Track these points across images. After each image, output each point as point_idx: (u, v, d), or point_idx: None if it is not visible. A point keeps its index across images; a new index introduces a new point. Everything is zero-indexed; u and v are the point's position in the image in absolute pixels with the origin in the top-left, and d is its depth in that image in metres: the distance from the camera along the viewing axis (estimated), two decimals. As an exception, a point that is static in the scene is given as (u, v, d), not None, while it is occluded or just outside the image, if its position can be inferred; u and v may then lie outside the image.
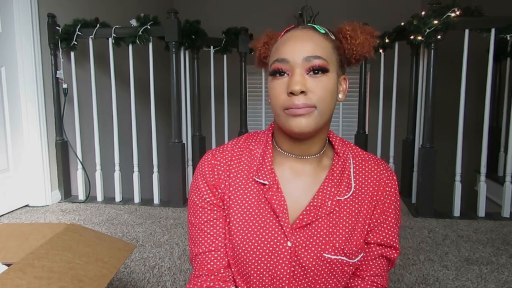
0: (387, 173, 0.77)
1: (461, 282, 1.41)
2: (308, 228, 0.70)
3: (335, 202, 0.71)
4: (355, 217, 0.72)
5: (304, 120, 0.65)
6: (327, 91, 0.66)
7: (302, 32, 0.69)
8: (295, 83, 0.64)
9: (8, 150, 2.11)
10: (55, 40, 2.26)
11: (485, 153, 2.19)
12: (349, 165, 0.75)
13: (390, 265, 0.78)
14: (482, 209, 2.16)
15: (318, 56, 0.66)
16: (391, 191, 0.76)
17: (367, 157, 0.78)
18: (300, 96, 0.64)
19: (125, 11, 2.96)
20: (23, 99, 2.17)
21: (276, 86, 0.67)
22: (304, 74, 0.65)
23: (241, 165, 0.76)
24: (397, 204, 0.77)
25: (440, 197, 2.48)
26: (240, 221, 0.72)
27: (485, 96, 2.12)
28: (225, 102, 2.83)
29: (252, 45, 0.80)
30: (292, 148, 0.73)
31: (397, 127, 2.57)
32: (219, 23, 2.67)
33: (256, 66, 0.82)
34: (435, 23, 1.97)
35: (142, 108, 2.84)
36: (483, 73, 2.17)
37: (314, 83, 0.65)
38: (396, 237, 0.76)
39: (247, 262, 0.71)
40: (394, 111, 2.53)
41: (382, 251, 0.75)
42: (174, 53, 2.26)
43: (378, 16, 3.25)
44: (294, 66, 0.66)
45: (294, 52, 0.66)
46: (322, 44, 0.68)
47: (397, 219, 0.77)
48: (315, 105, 0.65)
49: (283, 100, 0.66)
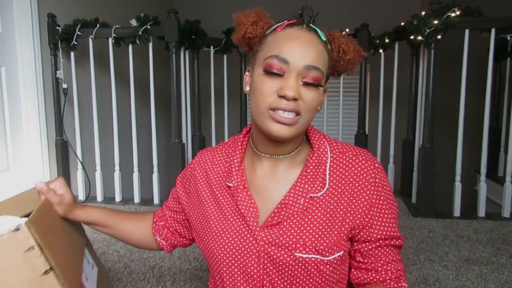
0: (367, 163, 0.72)
1: (461, 282, 1.41)
2: (280, 226, 0.69)
3: (308, 199, 0.70)
4: (330, 214, 0.70)
5: (287, 129, 0.65)
6: (314, 103, 0.66)
7: (306, 35, 0.66)
8: (290, 88, 0.63)
9: (8, 150, 2.11)
10: (55, 40, 2.26)
11: (485, 153, 2.19)
12: (325, 160, 0.72)
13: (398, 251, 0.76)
14: (482, 209, 2.15)
15: (318, 68, 0.65)
16: (375, 182, 0.71)
17: (346, 149, 0.74)
18: (290, 101, 0.63)
19: (125, 11, 2.96)
20: (23, 99, 2.17)
21: (267, 83, 0.65)
22: (299, 80, 0.64)
23: (219, 168, 0.79)
24: (386, 193, 0.72)
25: (440, 197, 2.48)
26: (214, 224, 0.74)
27: (485, 96, 2.12)
28: (225, 102, 2.83)
29: (236, 18, 0.74)
30: (266, 148, 0.73)
31: (397, 127, 2.56)
32: (219, 23, 2.67)
33: (235, 41, 0.77)
34: (435, 23, 1.97)
35: (142, 108, 2.83)
36: (483, 73, 2.17)
37: (305, 93, 0.65)
38: (395, 228, 0.73)
39: (220, 263, 0.72)
40: (394, 111, 2.53)
41: (386, 242, 0.72)
42: (174, 53, 2.26)
43: (378, 16, 3.24)
44: (292, 69, 0.64)
45: (296, 55, 0.64)
46: (322, 54, 0.67)
47: (391, 208, 0.72)
48: (301, 113, 0.65)
49: (271, 100, 0.64)
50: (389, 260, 0.73)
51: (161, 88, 3.08)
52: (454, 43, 2.21)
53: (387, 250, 0.73)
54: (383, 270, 0.72)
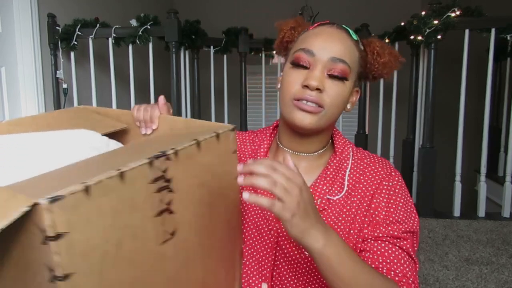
0: (385, 170, 0.72)
1: (461, 282, 1.41)
2: None
3: (325, 201, 0.70)
4: (344, 217, 0.69)
5: (309, 117, 0.66)
6: (339, 97, 0.67)
7: (336, 30, 0.68)
8: (314, 78, 0.64)
9: (8, 150, 2.11)
10: (55, 40, 2.26)
11: (485, 153, 2.19)
12: (346, 166, 0.73)
13: (407, 255, 0.69)
14: (482, 209, 2.15)
15: (344, 61, 0.65)
16: (389, 186, 0.70)
17: (365, 155, 0.75)
18: (314, 91, 0.65)
19: (125, 11, 2.96)
20: (23, 99, 2.17)
21: (293, 75, 0.67)
22: (324, 72, 0.65)
23: (245, 154, 0.79)
24: (402, 198, 0.70)
25: (440, 197, 2.48)
26: (243, 204, 0.75)
27: (485, 96, 2.12)
28: (225, 102, 2.83)
29: (278, 25, 0.78)
30: (290, 143, 0.74)
31: (397, 127, 2.56)
32: (219, 23, 2.67)
33: (275, 48, 0.81)
34: (435, 23, 1.97)
35: (142, 108, 2.84)
36: (483, 73, 2.17)
37: (330, 85, 0.65)
38: (403, 225, 0.68)
39: (243, 240, 0.73)
40: (394, 111, 2.53)
41: (393, 241, 0.68)
42: (174, 53, 2.26)
43: (378, 16, 3.24)
44: (318, 61, 0.66)
45: (322, 48, 0.66)
46: (351, 50, 0.67)
47: (405, 212, 0.69)
48: (324, 105, 0.65)
49: (295, 90, 0.66)
50: (394, 261, 0.67)
51: (161, 88, 3.07)
52: (454, 43, 2.21)
53: (392, 249, 0.68)
54: (385, 269, 0.67)
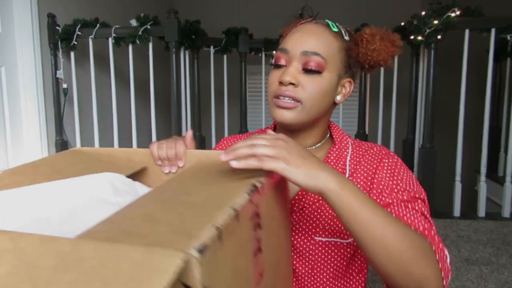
0: (384, 151, 0.73)
1: (461, 282, 1.41)
2: (300, 213, 0.71)
3: None
4: None
5: (287, 113, 0.67)
6: (317, 90, 0.67)
7: (312, 26, 0.69)
8: (286, 74, 0.66)
9: (8, 150, 2.11)
10: (55, 40, 2.26)
11: (485, 153, 2.19)
12: (346, 154, 0.74)
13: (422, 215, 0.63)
14: (482, 209, 2.15)
15: (317, 53, 0.66)
16: (389, 162, 0.70)
17: (365, 143, 0.77)
18: (288, 86, 0.66)
19: (125, 11, 2.96)
20: (23, 99, 2.17)
21: (272, 75, 0.70)
22: (299, 68, 0.67)
23: None
24: (405, 172, 0.69)
25: (440, 197, 2.48)
26: None
27: (485, 96, 2.12)
28: (225, 102, 2.83)
29: (282, 30, 0.80)
30: None
31: (397, 127, 2.56)
32: (219, 23, 2.67)
33: None
34: (435, 23, 1.97)
35: (142, 108, 2.83)
36: (483, 73, 2.17)
37: (306, 80, 0.66)
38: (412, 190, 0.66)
39: None
40: (394, 111, 2.53)
41: (405, 204, 0.64)
42: (174, 53, 2.26)
43: (378, 16, 3.24)
44: (292, 57, 0.67)
45: (295, 44, 0.67)
46: (327, 41, 0.67)
47: (410, 183, 0.68)
48: (301, 100, 0.66)
49: (274, 88, 0.68)
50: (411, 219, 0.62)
51: (161, 88, 3.08)
52: (454, 43, 2.21)
53: (406, 210, 0.63)
54: None
